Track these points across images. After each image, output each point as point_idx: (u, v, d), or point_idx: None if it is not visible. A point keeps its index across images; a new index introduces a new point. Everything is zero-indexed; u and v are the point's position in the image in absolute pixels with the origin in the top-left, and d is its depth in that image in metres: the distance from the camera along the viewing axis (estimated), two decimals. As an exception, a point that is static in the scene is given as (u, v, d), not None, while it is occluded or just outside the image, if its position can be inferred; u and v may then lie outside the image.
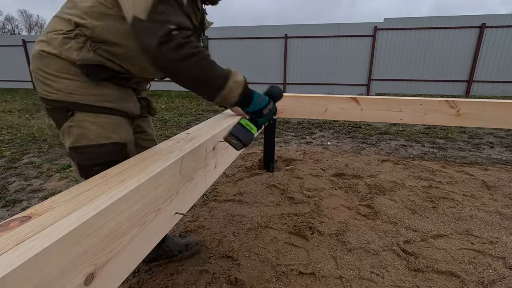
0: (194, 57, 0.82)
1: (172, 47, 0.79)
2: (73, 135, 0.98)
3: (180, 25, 0.81)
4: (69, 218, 0.57)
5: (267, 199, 2.22)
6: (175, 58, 0.80)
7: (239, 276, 1.43)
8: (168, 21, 0.80)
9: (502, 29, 8.05)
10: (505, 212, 1.98)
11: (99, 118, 0.98)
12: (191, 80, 0.87)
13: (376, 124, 5.05)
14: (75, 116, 0.96)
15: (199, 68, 0.84)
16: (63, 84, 0.93)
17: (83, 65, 0.93)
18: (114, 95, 1.01)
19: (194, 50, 0.82)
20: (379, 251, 1.61)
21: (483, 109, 2.18)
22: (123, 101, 1.04)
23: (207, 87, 0.90)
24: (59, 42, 0.91)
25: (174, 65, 0.82)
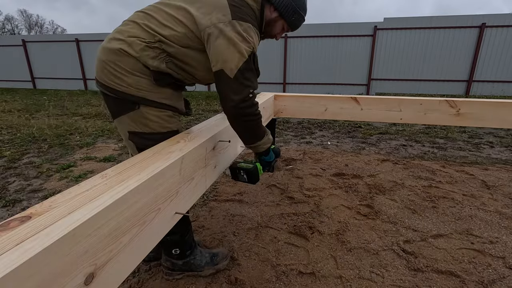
0: (255, 116, 1.14)
1: (247, 105, 1.08)
2: (137, 123, 1.15)
3: (255, 88, 1.11)
4: (69, 218, 0.57)
5: (267, 199, 2.22)
6: (247, 114, 1.10)
7: (239, 276, 1.43)
8: (250, 86, 1.08)
9: (502, 29, 8.05)
10: (505, 212, 1.98)
11: (160, 112, 1.16)
12: (247, 129, 1.18)
13: (376, 123, 5.05)
14: (140, 109, 1.13)
15: (255, 124, 1.17)
16: (134, 80, 1.09)
17: (154, 71, 1.10)
18: (172, 95, 1.19)
19: (257, 111, 1.14)
20: (379, 250, 1.61)
21: (483, 109, 2.18)
22: (177, 100, 1.23)
23: (253, 137, 1.22)
24: (140, 48, 1.07)
25: (244, 117, 1.11)
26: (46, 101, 7.85)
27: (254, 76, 1.11)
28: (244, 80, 1.05)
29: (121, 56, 1.07)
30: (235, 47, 1.02)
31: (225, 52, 1.02)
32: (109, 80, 1.09)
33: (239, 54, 1.03)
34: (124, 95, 1.10)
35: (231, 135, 1.44)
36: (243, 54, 1.03)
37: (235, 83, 1.04)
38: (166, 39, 1.09)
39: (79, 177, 2.75)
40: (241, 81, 1.04)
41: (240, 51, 1.03)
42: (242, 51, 1.03)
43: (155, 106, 1.14)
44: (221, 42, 1.03)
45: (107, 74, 1.09)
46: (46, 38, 11.57)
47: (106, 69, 1.09)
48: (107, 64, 1.08)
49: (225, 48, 1.02)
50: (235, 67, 1.02)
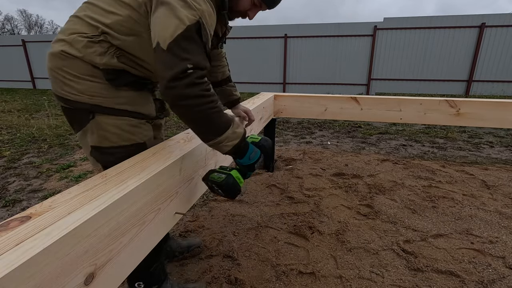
0: (200, 98, 0.84)
1: (183, 84, 0.81)
2: (96, 136, 0.99)
3: (198, 65, 0.83)
4: (69, 218, 0.57)
5: (267, 198, 2.22)
6: (182, 95, 0.82)
7: (239, 276, 1.43)
8: (187, 59, 0.81)
9: (502, 29, 8.05)
10: (505, 212, 1.98)
11: (119, 121, 0.99)
12: (191, 119, 0.88)
13: (376, 123, 5.05)
14: (96, 118, 0.97)
15: (202, 111, 0.85)
16: (85, 86, 0.94)
17: (105, 69, 0.94)
18: (133, 98, 1.02)
19: (203, 93, 0.84)
20: (379, 250, 1.61)
21: (483, 109, 2.18)
22: (142, 104, 1.05)
23: (204, 130, 0.91)
24: (83, 46, 0.91)
25: (180, 101, 0.83)
26: (45, 101, 7.85)
27: (198, 49, 0.85)
28: (180, 51, 0.81)
29: (64, 59, 0.92)
30: (172, 12, 0.82)
31: (162, 21, 0.83)
32: (60, 89, 0.95)
33: (178, 21, 0.81)
34: (78, 105, 0.95)
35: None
36: (183, 21, 0.82)
37: (168, 55, 0.81)
38: (109, 29, 0.92)
39: (79, 177, 2.75)
40: (175, 52, 0.80)
41: (179, 17, 0.82)
42: (182, 17, 0.82)
43: (112, 113, 0.98)
44: (160, 11, 0.84)
45: (58, 83, 0.95)
46: (46, 38, 11.55)
47: (56, 78, 0.95)
48: (55, 72, 0.94)
49: (162, 17, 0.83)
50: (169, 36, 0.80)
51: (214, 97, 0.88)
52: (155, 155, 0.95)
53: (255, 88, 10.14)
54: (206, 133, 0.92)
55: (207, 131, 0.91)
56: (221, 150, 0.96)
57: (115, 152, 1.00)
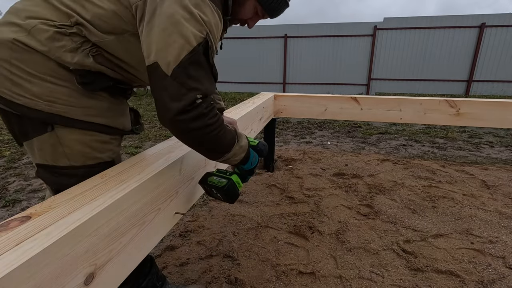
0: (207, 128, 0.75)
1: (191, 117, 0.70)
2: (49, 152, 0.80)
3: (206, 93, 0.72)
4: (69, 218, 0.57)
5: (267, 198, 2.22)
6: (190, 128, 0.72)
7: (239, 276, 1.43)
8: (196, 88, 0.70)
9: (502, 29, 8.05)
10: (505, 212, 1.98)
11: (87, 136, 0.82)
12: (198, 146, 0.80)
13: (376, 123, 5.05)
14: (55, 132, 0.78)
15: (209, 137, 0.77)
16: (43, 88, 0.74)
17: (78, 70, 0.76)
18: (107, 109, 0.85)
19: (211, 121, 0.75)
20: (379, 250, 1.61)
21: (482, 109, 2.18)
22: (116, 116, 0.89)
23: (214, 153, 0.85)
24: (48, 37, 0.72)
25: (187, 133, 0.74)
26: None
27: (206, 76, 0.74)
28: (187, 79, 0.69)
29: (18, 51, 0.71)
30: (176, 28, 0.68)
31: (162, 36, 0.68)
32: (4, 88, 0.73)
33: (183, 40, 0.68)
34: (29, 112, 0.74)
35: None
36: (189, 41, 0.69)
37: (173, 84, 0.68)
38: (86, 21, 0.75)
39: (79, 177, 2.74)
40: (181, 80, 0.68)
41: (185, 35, 0.68)
42: (188, 36, 0.68)
43: (78, 127, 0.79)
44: (157, 21, 0.69)
45: (1, 79, 0.73)
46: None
47: None
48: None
49: (162, 30, 0.68)
50: (174, 59, 0.68)
51: (220, 120, 0.79)
52: (155, 155, 0.95)
53: (255, 88, 10.14)
54: (214, 154, 0.86)
55: (214, 152, 0.85)
56: (231, 164, 0.94)
57: (73, 174, 0.82)
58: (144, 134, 4.29)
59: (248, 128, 1.76)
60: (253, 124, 1.88)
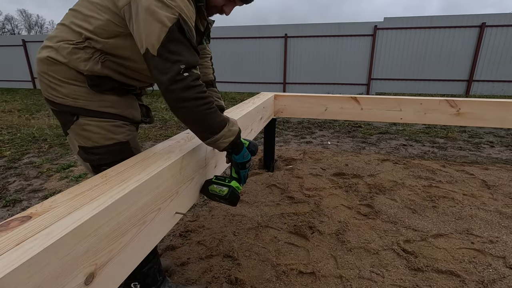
0: (197, 101, 0.89)
1: (180, 88, 0.85)
2: (80, 137, 1.03)
3: (189, 63, 0.87)
4: (69, 218, 0.57)
5: (267, 198, 2.22)
6: (181, 98, 0.87)
7: (239, 276, 1.43)
8: (179, 60, 0.85)
9: (502, 28, 8.04)
10: (505, 212, 1.98)
11: (102, 122, 1.02)
12: (190, 120, 0.93)
13: (376, 123, 5.05)
14: (79, 120, 1.01)
15: (199, 112, 0.91)
16: (69, 89, 0.98)
17: (89, 76, 0.97)
18: (117, 102, 1.05)
19: (199, 95, 0.89)
20: (379, 250, 1.61)
21: (483, 109, 2.18)
22: (126, 108, 1.08)
23: (203, 129, 0.96)
24: (68, 52, 0.95)
25: (179, 103, 0.88)
26: (46, 101, 7.85)
27: (186, 48, 0.87)
28: (169, 54, 0.84)
29: (51, 65, 0.96)
30: (153, 16, 0.83)
31: (145, 26, 0.84)
32: (47, 92, 1.00)
33: (160, 24, 0.83)
34: (63, 107, 1.00)
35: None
36: (164, 23, 0.83)
37: (160, 61, 0.84)
38: (92, 34, 0.94)
39: (79, 177, 2.75)
40: (165, 56, 0.84)
41: (160, 20, 0.83)
42: (163, 20, 0.83)
43: (95, 116, 1.01)
44: (140, 16, 0.85)
45: (45, 86, 1.00)
46: (46, 38, 11.56)
47: (43, 82, 1.00)
48: (42, 76, 0.99)
49: (144, 21, 0.84)
50: (156, 41, 0.83)
51: (209, 98, 0.93)
52: (155, 155, 0.95)
53: (255, 88, 10.14)
54: (204, 132, 0.97)
55: (205, 130, 0.96)
56: (218, 147, 1.01)
57: (98, 152, 1.04)
58: (144, 134, 4.30)
59: (248, 128, 1.76)
60: (253, 124, 1.88)
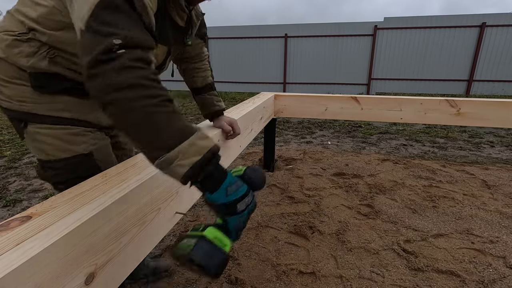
0: (137, 89, 0.55)
1: (110, 69, 0.54)
2: (34, 149, 0.86)
3: (130, 40, 0.57)
4: (69, 218, 0.57)
5: (267, 198, 2.22)
6: (110, 85, 0.54)
7: (239, 276, 1.43)
8: (113, 33, 0.56)
9: (502, 28, 8.04)
10: (505, 212, 1.98)
11: (56, 130, 0.83)
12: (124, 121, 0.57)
13: (376, 123, 5.05)
14: (28, 128, 0.83)
15: (141, 108, 0.55)
16: (14, 90, 0.80)
17: (33, 73, 0.79)
18: (75, 104, 0.85)
19: (142, 81, 0.55)
20: (379, 250, 1.61)
21: (483, 109, 2.18)
22: (89, 111, 0.87)
23: (146, 139, 0.57)
24: (7, 45, 0.78)
25: (106, 94, 0.54)
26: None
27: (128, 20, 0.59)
28: (100, 25, 0.56)
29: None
30: None
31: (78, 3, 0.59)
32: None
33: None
34: (10, 113, 0.83)
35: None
36: None
37: (87, 35, 0.56)
38: (36, 23, 0.77)
39: (80, 177, 2.74)
40: (94, 28, 0.56)
41: None
42: None
43: (45, 122, 0.82)
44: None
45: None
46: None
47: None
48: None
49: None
50: (87, 11, 0.57)
51: (162, 91, 0.59)
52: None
53: (255, 88, 10.14)
54: (149, 145, 0.58)
55: (149, 141, 0.57)
56: (174, 174, 0.58)
57: (54, 167, 0.86)
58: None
59: (248, 127, 1.76)
60: (253, 124, 1.88)
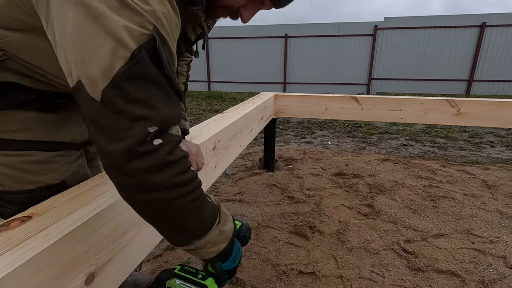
0: (177, 189, 0.50)
1: (147, 167, 0.46)
2: None
3: (165, 122, 0.48)
4: (69, 218, 0.57)
5: (267, 198, 2.22)
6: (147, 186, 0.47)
7: (239, 276, 1.43)
8: (146, 117, 0.45)
9: (502, 28, 8.04)
10: (505, 212, 1.98)
11: (11, 158, 0.64)
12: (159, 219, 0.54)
13: (376, 123, 5.05)
14: None
15: (179, 208, 0.51)
16: None
17: None
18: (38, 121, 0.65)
19: (181, 178, 0.50)
20: (380, 250, 1.61)
21: (483, 109, 2.18)
22: (57, 127, 0.68)
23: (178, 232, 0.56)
24: None
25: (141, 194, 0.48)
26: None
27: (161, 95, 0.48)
28: (127, 104, 0.44)
29: None
30: (100, 23, 0.42)
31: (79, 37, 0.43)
32: None
33: (113, 42, 0.43)
34: None
35: (231, 135, 1.44)
36: (123, 42, 0.43)
37: (107, 113, 0.44)
38: None
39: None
40: (118, 107, 0.44)
41: (115, 33, 0.43)
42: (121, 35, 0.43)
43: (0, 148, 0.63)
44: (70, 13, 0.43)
45: None
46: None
47: None
48: None
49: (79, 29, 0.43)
50: (102, 74, 0.43)
51: (197, 179, 0.55)
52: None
53: (255, 88, 10.14)
54: (178, 236, 0.57)
55: (182, 233, 0.56)
56: (199, 256, 0.62)
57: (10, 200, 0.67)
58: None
59: (248, 128, 1.76)
60: (253, 124, 1.88)
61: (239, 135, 1.59)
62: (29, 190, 0.67)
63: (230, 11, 0.67)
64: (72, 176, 0.73)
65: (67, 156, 0.72)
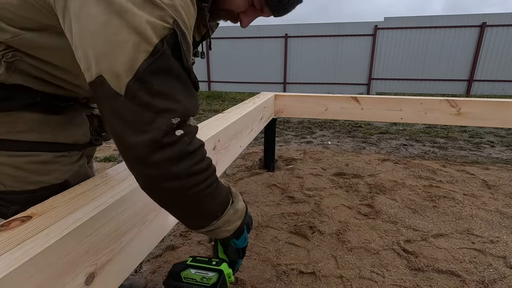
0: (196, 177, 0.53)
1: (170, 157, 0.49)
2: None
3: (186, 114, 0.50)
4: (69, 218, 0.57)
5: (267, 198, 2.22)
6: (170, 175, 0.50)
7: (239, 276, 1.43)
8: (169, 110, 0.47)
9: (502, 28, 8.04)
10: (505, 212, 1.98)
11: (17, 158, 0.65)
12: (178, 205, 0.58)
13: (376, 123, 5.05)
14: None
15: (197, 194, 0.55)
16: None
17: None
18: (43, 123, 0.66)
19: (199, 166, 0.54)
20: (380, 250, 1.61)
21: (483, 108, 2.18)
22: (61, 129, 0.70)
23: (197, 216, 0.60)
24: None
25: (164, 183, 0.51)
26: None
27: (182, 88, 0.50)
28: (151, 97, 0.46)
29: None
30: (123, 18, 0.44)
31: (101, 33, 0.44)
32: None
33: (137, 36, 0.44)
34: None
35: (231, 135, 1.44)
36: (146, 36, 0.45)
37: (130, 107, 0.46)
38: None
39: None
40: (143, 100, 0.46)
41: (138, 27, 0.44)
42: (144, 29, 0.44)
43: (3, 148, 0.64)
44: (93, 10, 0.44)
45: None
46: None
47: None
48: None
49: (102, 25, 0.44)
50: (125, 68, 0.45)
51: (212, 165, 0.59)
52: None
53: (255, 88, 10.15)
54: (199, 220, 0.61)
55: (200, 217, 0.61)
56: (217, 235, 0.67)
57: (14, 200, 0.67)
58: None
59: (248, 127, 1.76)
60: (253, 123, 1.88)
61: (239, 135, 1.59)
62: (31, 190, 0.68)
63: (230, 15, 0.71)
64: (74, 176, 0.75)
65: (70, 157, 0.74)
